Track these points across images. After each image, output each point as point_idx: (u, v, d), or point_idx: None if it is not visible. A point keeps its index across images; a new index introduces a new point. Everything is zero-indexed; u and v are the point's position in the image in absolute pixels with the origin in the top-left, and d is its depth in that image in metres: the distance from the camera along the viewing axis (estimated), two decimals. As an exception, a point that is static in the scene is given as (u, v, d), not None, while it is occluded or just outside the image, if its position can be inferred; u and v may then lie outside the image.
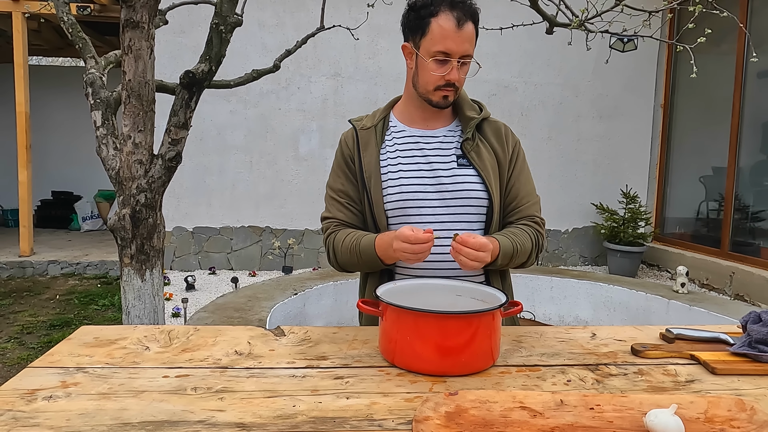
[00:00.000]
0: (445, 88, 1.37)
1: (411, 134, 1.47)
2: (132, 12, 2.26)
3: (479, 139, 1.44)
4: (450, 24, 1.32)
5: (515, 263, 1.38)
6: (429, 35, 1.34)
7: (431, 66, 1.35)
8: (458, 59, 1.33)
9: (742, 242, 5.32)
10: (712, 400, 0.90)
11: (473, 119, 1.44)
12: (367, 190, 1.43)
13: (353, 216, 1.47)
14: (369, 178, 1.43)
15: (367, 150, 1.46)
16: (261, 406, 0.89)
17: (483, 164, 1.41)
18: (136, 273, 2.45)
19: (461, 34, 1.32)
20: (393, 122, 1.51)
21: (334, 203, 1.48)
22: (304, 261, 6.07)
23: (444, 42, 1.32)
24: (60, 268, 5.90)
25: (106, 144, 2.54)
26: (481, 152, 1.43)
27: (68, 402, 0.89)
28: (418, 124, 1.47)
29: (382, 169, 1.44)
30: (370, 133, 1.48)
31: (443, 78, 1.35)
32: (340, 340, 1.19)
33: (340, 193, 1.47)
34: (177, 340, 1.17)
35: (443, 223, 1.41)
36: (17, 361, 3.52)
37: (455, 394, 0.90)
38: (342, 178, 1.48)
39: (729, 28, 4.71)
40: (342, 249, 1.40)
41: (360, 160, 1.45)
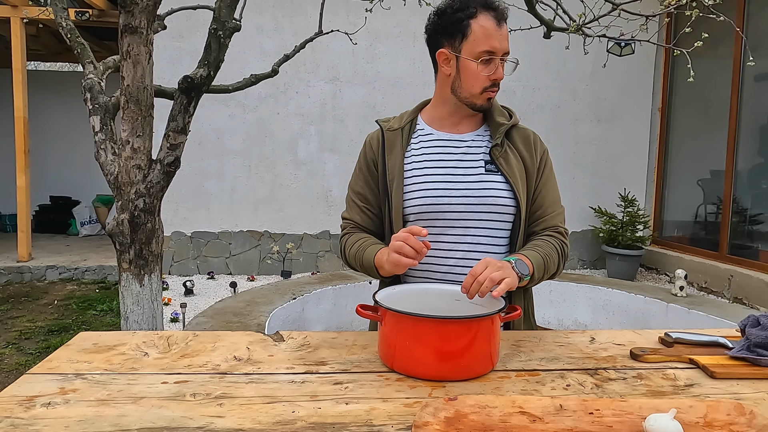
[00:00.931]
0: (491, 89, 1.36)
1: (438, 137, 1.44)
2: (130, 17, 2.26)
3: (508, 145, 1.42)
4: (491, 23, 1.31)
5: (547, 276, 1.37)
6: (471, 37, 1.33)
7: (478, 67, 1.34)
8: (502, 57, 1.33)
9: (741, 245, 5.33)
10: (711, 404, 0.90)
11: (503, 125, 1.42)
12: (388, 194, 1.42)
13: (369, 220, 1.48)
14: (392, 181, 1.42)
15: (392, 152, 1.44)
16: (260, 412, 0.89)
17: (511, 171, 1.39)
18: (134, 278, 2.45)
19: (502, 32, 1.32)
20: (420, 125, 1.48)
21: (353, 205, 1.50)
22: (302, 265, 6.07)
23: (488, 41, 1.31)
24: (58, 273, 5.89)
25: (104, 149, 2.54)
26: (509, 159, 1.40)
27: (67, 408, 0.89)
28: (446, 128, 1.45)
29: (406, 172, 1.42)
30: (396, 135, 1.46)
31: (489, 78, 1.34)
32: (339, 345, 1.19)
33: (359, 195, 1.49)
34: (176, 345, 1.16)
35: (467, 229, 1.39)
36: (15, 367, 3.51)
37: (455, 399, 0.90)
38: (362, 181, 1.49)
39: (726, 32, 4.72)
40: (350, 253, 1.43)
41: (384, 163, 1.44)
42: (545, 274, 1.34)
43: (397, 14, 5.46)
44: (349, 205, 1.51)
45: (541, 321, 4.38)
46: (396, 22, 5.90)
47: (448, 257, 1.39)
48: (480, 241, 1.40)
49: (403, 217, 1.41)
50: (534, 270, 1.28)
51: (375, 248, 1.36)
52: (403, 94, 6.06)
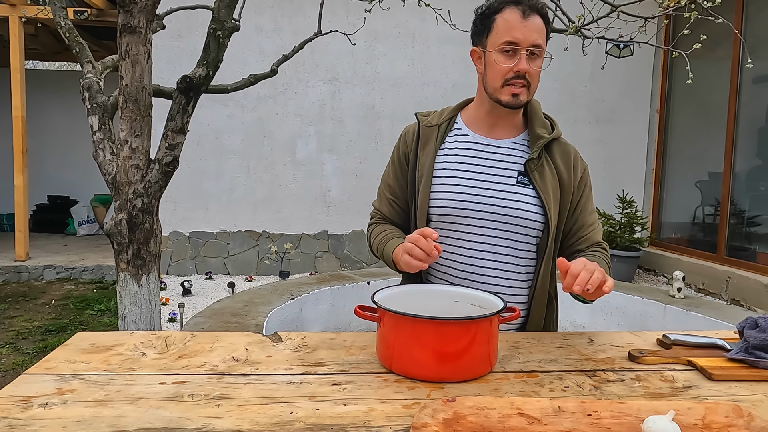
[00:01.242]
0: (515, 82, 1.31)
1: (474, 140, 1.42)
2: (129, 17, 2.26)
3: (545, 158, 1.38)
4: (515, 15, 1.29)
5: None
6: (494, 30, 1.32)
7: (498, 58, 1.31)
8: (527, 50, 1.29)
9: (738, 247, 5.34)
10: (709, 406, 0.90)
11: (542, 138, 1.37)
12: (415, 190, 1.41)
13: (395, 213, 1.50)
14: (420, 177, 1.40)
15: (425, 148, 1.43)
16: (258, 413, 0.88)
17: (545, 186, 1.35)
18: (132, 278, 2.44)
19: (527, 24, 1.28)
20: (458, 124, 1.46)
21: (382, 197, 1.52)
22: (301, 266, 6.06)
23: (510, 32, 1.29)
24: (56, 273, 5.88)
25: (102, 149, 2.54)
26: (544, 173, 1.37)
27: (64, 409, 0.88)
28: (483, 131, 1.42)
29: (436, 171, 1.40)
30: (432, 132, 1.44)
31: (512, 70, 1.30)
32: (337, 346, 1.19)
33: (389, 188, 1.50)
34: (174, 346, 1.16)
35: (490, 237, 1.38)
36: (12, 367, 3.50)
37: (453, 400, 0.90)
38: (393, 173, 1.50)
39: (724, 34, 4.73)
40: (373, 244, 1.46)
41: (416, 158, 1.43)
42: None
43: (397, 15, 5.46)
44: (379, 195, 1.54)
45: (539, 322, 4.38)
46: (395, 22, 5.91)
47: (468, 263, 1.39)
48: (502, 251, 1.38)
49: (428, 216, 1.40)
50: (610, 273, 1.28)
51: (395, 242, 1.36)
52: (402, 94, 6.07)
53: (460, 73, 6.08)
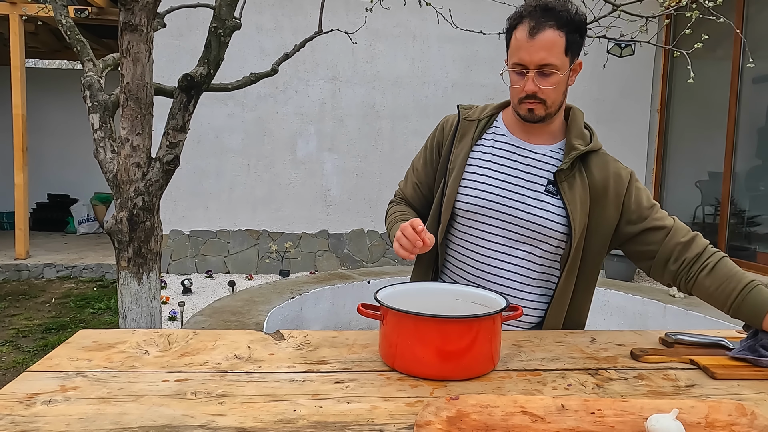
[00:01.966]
0: (528, 101, 1.30)
1: (510, 142, 1.41)
2: (130, 15, 2.26)
3: (579, 170, 1.35)
4: (523, 34, 1.27)
5: None
6: (510, 49, 1.32)
7: (511, 78, 1.32)
8: (535, 70, 1.27)
9: (738, 247, 5.34)
10: (712, 404, 0.90)
11: (576, 149, 1.34)
12: (444, 181, 1.42)
13: (417, 198, 1.53)
14: (452, 169, 1.41)
15: (461, 142, 1.43)
16: (261, 411, 0.88)
17: (572, 197, 1.33)
18: (133, 276, 2.44)
19: (534, 43, 1.26)
20: (498, 123, 1.45)
21: (409, 179, 1.55)
22: (301, 264, 6.06)
23: (517, 53, 1.28)
24: (56, 272, 5.87)
25: (103, 147, 2.53)
26: (574, 185, 1.34)
27: (67, 406, 0.88)
28: (520, 134, 1.41)
29: (468, 166, 1.41)
30: (471, 126, 1.44)
31: (522, 90, 1.30)
32: (339, 344, 1.19)
33: (416, 172, 1.53)
34: (176, 344, 1.16)
35: (510, 241, 1.37)
36: (12, 365, 3.50)
37: (456, 398, 0.90)
38: (422, 159, 1.52)
39: (725, 34, 4.73)
40: (388, 221, 1.49)
41: (450, 150, 1.44)
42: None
43: (397, 14, 5.46)
44: (406, 177, 1.57)
45: (540, 321, 4.38)
46: (396, 21, 5.90)
47: (483, 261, 1.39)
48: (519, 255, 1.37)
49: (454, 208, 1.41)
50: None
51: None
52: (403, 93, 6.07)
53: (460, 73, 6.07)
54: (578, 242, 1.34)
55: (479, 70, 6.05)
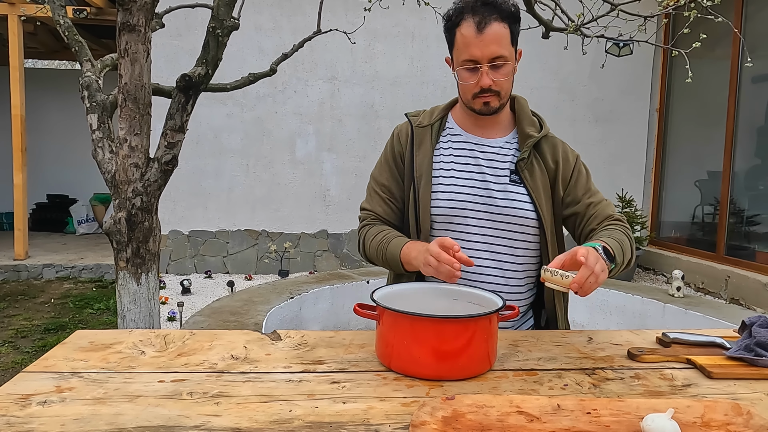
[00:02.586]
0: (483, 95, 1.33)
1: (467, 140, 1.43)
2: (128, 15, 2.26)
3: (534, 156, 1.40)
4: (470, 30, 1.29)
5: (626, 259, 1.29)
6: (456, 46, 1.33)
7: (462, 75, 1.33)
8: (488, 64, 1.30)
9: (738, 246, 5.34)
10: (708, 404, 0.90)
11: (531, 138, 1.39)
12: (415, 190, 1.41)
13: (391, 212, 1.47)
14: (419, 177, 1.40)
15: (421, 148, 1.43)
16: (257, 411, 0.88)
17: (535, 184, 1.37)
18: (131, 277, 2.44)
19: (483, 38, 1.28)
20: (450, 123, 1.47)
21: (375, 196, 1.47)
22: (300, 264, 6.06)
23: (467, 49, 1.30)
24: (55, 272, 5.87)
25: (102, 147, 2.53)
26: (534, 172, 1.38)
27: (63, 407, 0.88)
28: (474, 131, 1.44)
29: (434, 171, 1.41)
30: (425, 132, 1.44)
31: (476, 85, 1.32)
32: (336, 345, 1.18)
33: (383, 187, 1.47)
34: (173, 344, 1.16)
35: (488, 237, 1.38)
36: (11, 365, 3.50)
37: (452, 398, 0.89)
38: (387, 172, 1.47)
39: (724, 33, 4.73)
40: (371, 245, 1.41)
41: (412, 159, 1.42)
42: (624, 261, 1.28)
43: (396, 14, 5.46)
44: (371, 195, 1.49)
45: (539, 321, 4.38)
46: (395, 21, 5.90)
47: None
48: (499, 250, 1.39)
49: (431, 214, 1.40)
50: (615, 256, 1.23)
51: (399, 241, 1.35)
52: (402, 93, 6.06)
53: (459, 72, 6.07)
54: (551, 228, 1.38)
55: (478, 70, 6.04)
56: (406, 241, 1.34)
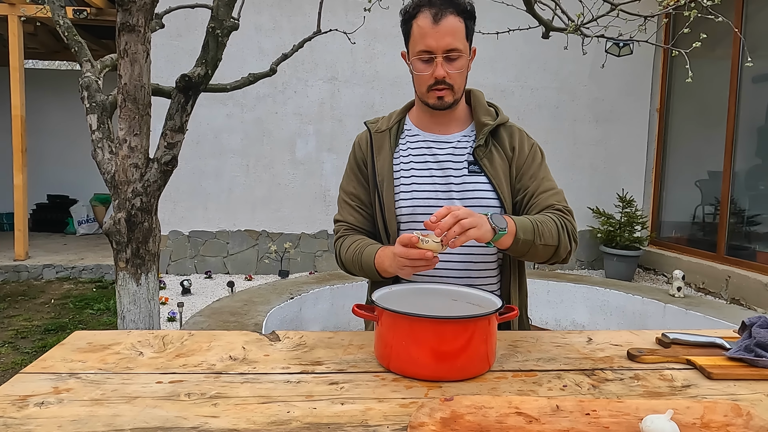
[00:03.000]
0: (437, 87, 1.34)
1: (425, 139, 1.45)
2: (128, 15, 2.25)
3: (493, 144, 1.41)
4: (426, 21, 1.30)
5: (542, 243, 1.25)
6: (411, 37, 1.35)
7: (417, 66, 1.34)
8: (442, 55, 1.31)
9: (738, 246, 5.34)
10: (708, 405, 0.89)
11: (487, 125, 1.41)
12: (379, 194, 1.42)
13: (363, 220, 1.47)
14: (381, 181, 1.42)
15: (380, 153, 1.44)
16: (255, 412, 0.88)
17: (495, 171, 1.38)
18: (131, 277, 2.44)
19: (439, 28, 1.29)
20: (408, 126, 1.49)
21: (346, 206, 1.48)
22: (300, 265, 6.06)
23: (423, 40, 1.31)
24: (55, 272, 5.87)
25: (101, 148, 2.53)
26: (493, 159, 1.40)
27: (60, 408, 0.88)
28: (431, 129, 1.45)
29: (395, 173, 1.43)
30: (384, 137, 1.46)
31: (431, 76, 1.33)
32: (335, 345, 1.18)
33: (352, 196, 1.48)
34: (171, 345, 1.16)
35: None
36: (11, 366, 3.50)
37: (451, 399, 0.89)
38: (354, 181, 1.48)
39: (724, 33, 4.73)
40: (346, 255, 1.41)
41: (373, 164, 1.44)
42: (537, 239, 1.24)
43: (396, 14, 5.44)
44: (341, 206, 1.50)
45: (539, 321, 4.38)
46: (394, 21, 5.84)
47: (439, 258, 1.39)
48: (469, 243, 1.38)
49: (396, 216, 1.41)
50: (517, 228, 1.20)
51: (373, 249, 1.35)
52: (402, 93, 6.05)
53: (459, 72, 6.06)
54: (511, 211, 1.39)
55: (477, 70, 6.02)
56: (377, 249, 1.34)
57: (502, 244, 1.20)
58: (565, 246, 1.30)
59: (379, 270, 1.32)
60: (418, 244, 1.12)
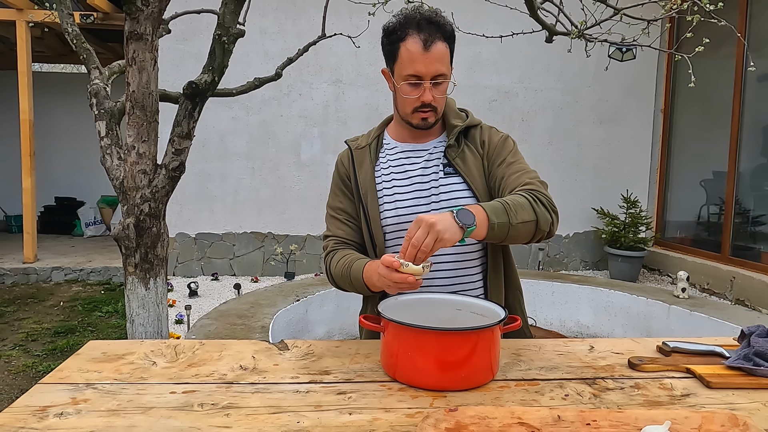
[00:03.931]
0: (422, 110, 1.38)
1: (403, 149, 1.50)
2: (136, 24, 2.29)
3: (466, 145, 1.46)
4: (417, 47, 1.33)
5: (520, 221, 1.22)
6: (399, 60, 1.37)
7: (405, 89, 1.37)
8: (430, 80, 1.35)
9: (743, 247, 5.34)
10: (706, 415, 0.92)
11: (457, 126, 1.45)
12: (363, 208, 1.46)
13: (352, 232, 1.50)
14: (365, 194, 1.46)
15: (362, 168, 1.49)
16: (266, 423, 0.91)
17: (468, 170, 1.42)
18: (140, 281, 2.48)
19: (429, 55, 1.33)
20: (387, 140, 1.54)
21: (334, 221, 1.51)
22: (306, 267, 6.10)
23: (413, 65, 1.34)
24: (64, 275, 5.93)
25: (110, 154, 2.57)
26: (466, 158, 1.43)
27: (79, 419, 0.91)
28: (408, 140, 1.50)
29: (378, 186, 1.47)
30: (364, 152, 1.51)
31: (418, 100, 1.37)
32: (342, 354, 1.21)
33: (339, 210, 1.51)
34: (183, 354, 1.19)
35: None
36: (22, 369, 3.55)
37: (455, 410, 0.92)
38: (340, 196, 1.52)
39: (728, 33, 4.73)
40: (335, 271, 1.42)
41: (356, 178, 1.48)
42: (512, 218, 1.21)
43: (400, 16, 5.46)
44: (329, 222, 1.52)
45: (543, 322, 4.40)
46: (399, 24, 5.91)
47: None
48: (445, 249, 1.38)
49: (382, 227, 1.45)
50: (488, 215, 1.18)
51: (361, 263, 1.36)
52: (406, 95, 6.07)
53: (463, 74, 6.08)
54: None
55: (482, 72, 6.06)
56: (365, 264, 1.34)
57: (478, 236, 1.18)
58: (544, 219, 1.27)
59: (368, 284, 1.33)
60: (400, 268, 1.14)
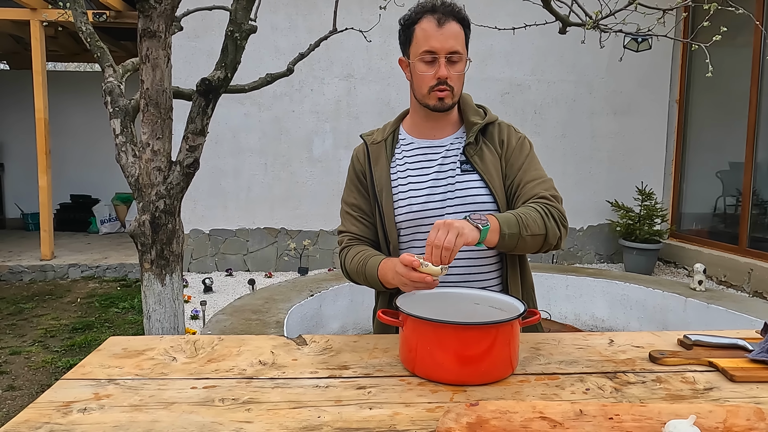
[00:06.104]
0: (439, 88, 1.38)
1: (419, 146, 1.49)
2: (149, 22, 2.30)
3: (483, 143, 1.45)
4: (431, 24, 1.36)
5: (529, 234, 1.26)
6: (414, 40, 1.40)
7: (420, 67, 1.38)
8: (446, 56, 1.35)
9: (761, 238, 5.27)
10: (730, 409, 0.90)
11: (476, 124, 1.44)
12: (378, 205, 1.46)
13: (366, 229, 1.50)
14: (380, 191, 1.45)
15: (377, 164, 1.48)
16: (287, 417, 0.91)
17: (486, 168, 1.41)
18: (156, 278, 2.50)
19: (443, 31, 1.35)
20: (402, 135, 1.53)
21: (348, 217, 1.52)
22: (319, 262, 6.11)
23: (427, 41, 1.36)
24: (80, 272, 6.00)
25: (125, 151, 2.58)
26: (484, 156, 1.43)
27: (102, 414, 0.92)
28: (425, 135, 1.49)
29: (393, 182, 1.46)
30: (380, 147, 1.50)
31: (434, 77, 1.37)
32: (360, 349, 1.21)
33: (354, 207, 1.51)
34: (202, 350, 1.20)
35: None
36: (42, 365, 3.60)
37: (476, 404, 0.92)
38: (355, 192, 1.52)
39: (746, 22, 4.65)
40: (350, 267, 1.44)
41: (371, 175, 1.48)
42: (523, 230, 1.25)
43: (411, 10, 5.44)
44: (344, 218, 1.53)
45: (558, 316, 4.38)
46: (409, 17, 5.88)
47: None
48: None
49: (396, 225, 1.44)
50: (500, 224, 1.22)
51: (377, 260, 1.37)
52: (418, 89, 6.06)
53: (475, 67, 6.02)
54: (505, 206, 1.40)
55: (494, 65, 6.02)
56: (381, 261, 1.36)
57: (489, 242, 1.22)
58: (553, 233, 1.31)
59: (383, 281, 1.35)
60: (419, 268, 1.15)
